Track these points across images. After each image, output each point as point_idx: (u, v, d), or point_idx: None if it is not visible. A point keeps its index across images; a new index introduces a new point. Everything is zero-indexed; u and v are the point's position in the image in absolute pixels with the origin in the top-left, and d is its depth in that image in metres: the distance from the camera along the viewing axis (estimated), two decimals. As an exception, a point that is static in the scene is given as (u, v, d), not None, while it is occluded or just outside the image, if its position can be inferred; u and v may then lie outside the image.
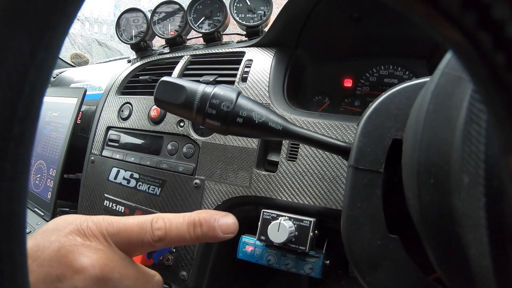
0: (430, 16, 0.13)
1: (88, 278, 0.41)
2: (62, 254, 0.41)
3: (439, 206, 0.28)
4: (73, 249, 0.42)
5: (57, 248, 0.42)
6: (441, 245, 0.30)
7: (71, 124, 1.23)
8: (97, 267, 0.42)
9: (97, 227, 0.45)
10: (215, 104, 0.52)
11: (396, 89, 0.47)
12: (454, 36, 0.13)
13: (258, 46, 1.00)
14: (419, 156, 0.30)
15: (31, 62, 0.20)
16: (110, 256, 0.44)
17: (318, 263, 0.70)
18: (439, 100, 0.30)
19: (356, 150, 0.46)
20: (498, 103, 0.13)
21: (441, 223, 0.29)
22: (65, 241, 0.43)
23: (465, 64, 0.14)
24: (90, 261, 0.42)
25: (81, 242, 0.43)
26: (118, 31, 1.29)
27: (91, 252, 0.43)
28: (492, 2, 0.12)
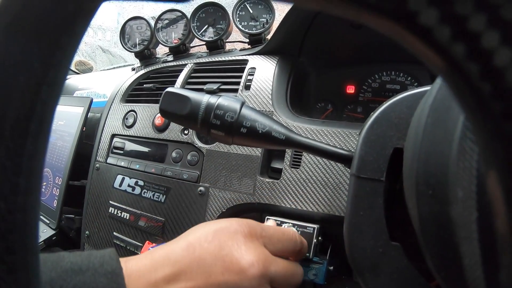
0: (419, 47, 0.14)
1: (254, 275, 0.44)
2: (225, 253, 0.44)
3: (437, 216, 0.29)
4: (236, 248, 0.45)
5: (218, 247, 0.45)
6: (439, 253, 0.31)
7: (77, 133, 1.24)
8: (260, 263, 0.45)
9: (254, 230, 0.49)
10: (219, 114, 0.52)
11: (397, 98, 0.48)
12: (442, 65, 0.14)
13: (261, 54, 1.01)
14: (418, 167, 0.31)
15: (43, 80, 0.21)
16: (266, 254, 0.48)
17: (322, 269, 0.71)
18: (437, 114, 0.31)
19: (358, 159, 0.47)
20: (482, 128, 0.14)
21: (439, 233, 0.29)
22: (226, 240, 0.46)
23: (453, 91, 0.15)
24: (253, 258, 0.45)
25: (242, 240, 0.47)
26: (122, 39, 1.30)
27: (252, 250, 0.46)
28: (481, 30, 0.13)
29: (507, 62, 0.13)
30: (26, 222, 0.21)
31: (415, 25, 0.14)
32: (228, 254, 0.44)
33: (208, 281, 0.42)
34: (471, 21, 0.13)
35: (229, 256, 0.44)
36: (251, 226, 0.49)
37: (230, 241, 0.46)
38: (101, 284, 0.36)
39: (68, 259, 0.38)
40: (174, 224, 0.93)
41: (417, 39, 0.14)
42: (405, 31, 0.14)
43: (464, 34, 0.13)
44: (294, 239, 0.55)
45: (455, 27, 0.13)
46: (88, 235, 1.14)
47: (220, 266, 0.43)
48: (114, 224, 1.06)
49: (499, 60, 0.13)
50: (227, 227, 0.48)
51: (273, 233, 0.52)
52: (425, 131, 0.31)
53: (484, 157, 0.15)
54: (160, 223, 0.95)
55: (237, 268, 0.44)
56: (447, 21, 0.13)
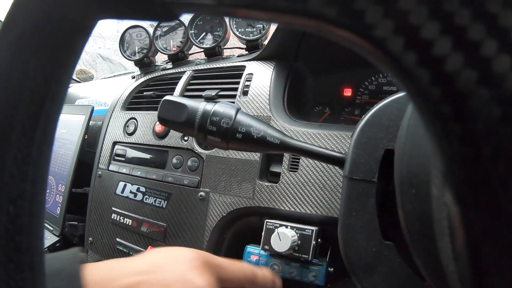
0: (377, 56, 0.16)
1: None
2: (182, 274, 0.47)
3: (420, 214, 0.30)
4: (191, 271, 0.47)
5: (179, 269, 0.47)
6: (424, 251, 0.32)
7: (79, 141, 1.26)
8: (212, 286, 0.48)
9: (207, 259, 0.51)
10: (215, 121, 0.54)
11: (387, 101, 0.49)
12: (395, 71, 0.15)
13: (258, 60, 1.02)
14: (401, 168, 0.32)
15: (45, 94, 0.22)
16: (214, 282, 0.49)
17: (321, 271, 0.72)
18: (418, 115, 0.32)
19: (350, 161, 0.49)
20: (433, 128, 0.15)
21: (423, 230, 0.31)
22: (182, 264, 0.48)
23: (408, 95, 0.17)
24: (206, 282, 0.47)
25: (197, 266, 0.49)
26: (121, 47, 1.31)
27: (207, 276, 0.48)
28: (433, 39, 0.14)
29: (458, 68, 0.14)
30: (32, 224, 0.23)
31: (371, 37, 0.15)
32: (186, 275, 0.47)
33: None
34: (424, 29, 0.14)
35: (187, 276, 0.47)
36: (207, 257, 0.52)
37: (188, 265, 0.48)
38: None
39: None
40: (176, 229, 0.94)
41: (374, 48, 0.15)
42: (362, 41, 0.16)
43: (416, 43, 0.14)
44: (243, 274, 0.56)
45: (408, 36, 0.14)
46: (92, 242, 1.16)
47: (177, 283, 0.46)
48: (117, 230, 1.08)
49: (450, 66, 0.14)
50: (187, 254, 0.50)
51: (226, 266, 0.54)
52: (407, 133, 0.32)
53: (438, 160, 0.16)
54: (162, 228, 0.96)
55: (191, 286, 0.46)
56: (400, 31, 0.14)
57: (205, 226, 0.89)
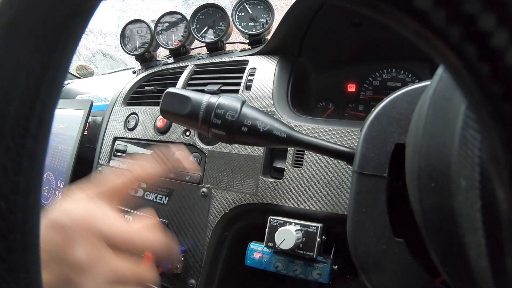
0: (416, 31, 0.14)
1: None
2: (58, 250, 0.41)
3: (440, 209, 0.29)
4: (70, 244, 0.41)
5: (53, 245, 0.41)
6: (444, 247, 0.30)
7: (78, 136, 1.24)
8: None
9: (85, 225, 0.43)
10: (220, 114, 0.52)
11: (397, 94, 0.48)
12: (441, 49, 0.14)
13: (261, 54, 1.01)
14: (419, 160, 0.31)
15: (42, 80, 0.21)
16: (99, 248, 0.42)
17: (326, 269, 0.71)
18: (437, 106, 0.31)
19: (359, 156, 0.47)
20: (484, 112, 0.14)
21: (443, 225, 0.29)
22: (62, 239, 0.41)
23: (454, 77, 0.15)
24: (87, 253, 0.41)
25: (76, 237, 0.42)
26: (122, 42, 1.30)
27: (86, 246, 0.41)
28: (477, 12, 0.13)
29: (505, 43, 0.12)
30: (26, 221, 0.21)
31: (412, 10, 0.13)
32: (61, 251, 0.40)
33: None
34: (466, 5, 0.13)
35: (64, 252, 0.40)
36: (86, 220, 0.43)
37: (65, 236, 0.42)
38: None
39: None
40: (177, 225, 0.92)
41: (415, 22, 0.14)
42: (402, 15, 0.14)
43: (460, 18, 0.13)
44: None
45: (451, 10, 0.13)
46: (92, 239, 1.14)
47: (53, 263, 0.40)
48: (117, 227, 1.06)
49: (497, 41, 0.12)
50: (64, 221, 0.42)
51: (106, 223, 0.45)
52: (426, 124, 0.31)
53: (488, 147, 0.15)
54: (163, 225, 0.94)
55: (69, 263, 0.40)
56: (443, 4, 0.13)
57: (207, 223, 0.88)
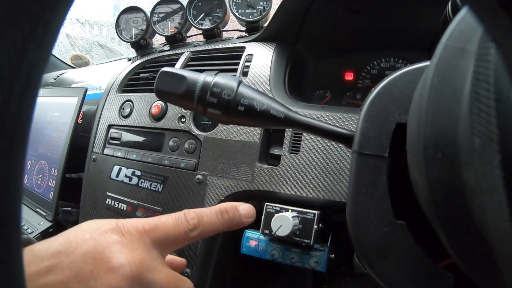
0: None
1: (124, 276, 0.40)
2: (97, 251, 0.41)
3: (448, 181, 0.28)
4: (109, 246, 0.41)
5: (92, 245, 0.41)
6: (452, 223, 0.29)
7: (72, 123, 1.23)
8: (133, 265, 0.41)
9: (133, 225, 0.45)
10: (216, 92, 0.51)
11: (398, 73, 0.47)
12: None
13: (258, 41, 0.99)
14: (425, 130, 0.29)
15: (30, 37, 0.19)
16: (145, 255, 0.43)
17: (323, 257, 0.70)
18: (443, 73, 0.29)
19: (359, 135, 0.46)
20: None
21: (451, 199, 0.28)
22: (100, 239, 0.42)
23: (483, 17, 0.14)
24: (126, 259, 0.41)
25: (118, 239, 0.43)
26: (118, 30, 1.28)
27: (127, 250, 0.42)
28: None
29: None
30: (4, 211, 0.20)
31: None
32: (103, 251, 0.41)
33: (77, 276, 0.40)
34: None
35: (104, 253, 0.41)
36: (131, 224, 0.45)
37: (105, 239, 0.42)
38: None
39: None
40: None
41: None
42: None
43: None
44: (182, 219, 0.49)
45: None
46: (85, 228, 1.13)
47: (90, 264, 0.40)
48: (111, 215, 1.05)
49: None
50: (105, 225, 0.44)
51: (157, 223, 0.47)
52: (431, 92, 0.30)
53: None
54: (157, 213, 0.93)
55: (106, 267, 0.40)
56: None
57: (202, 210, 0.86)
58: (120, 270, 0.40)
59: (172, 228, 0.47)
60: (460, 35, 0.31)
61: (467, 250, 0.29)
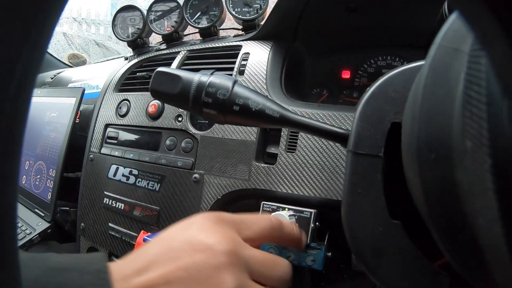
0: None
1: (221, 251, 0.42)
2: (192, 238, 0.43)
3: (441, 181, 0.28)
4: (204, 232, 0.44)
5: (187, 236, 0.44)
6: (446, 224, 0.29)
7: (70, 124, 1.23)
8: (228, 241, 0.43)
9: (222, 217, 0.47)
10: (211, 92, 0.51)
11: (393, 72, 0.47)
12: None
13: (255, 40, 0.99)
14: (419, 131, 0.29)
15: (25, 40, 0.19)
16: (236, 237, 0.45)
17: (320, 255, 0.70)
18: (436, 73, 0.29)
19: (355, 135, 0.46)
20: None
21: (445, 200, 0.28)
22: (194, 229, 0.44)
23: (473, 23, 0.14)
24: (221, 237, 0.43)
25: (210, 226, 0.45)
26: (114, 29, 1.28)
27: (220, 233, 0.44)
28: None
29: None
30: None
31: None
32: (194, 237, 0.43)
33: (177, 265, 0.41)
34: None
35: (196, 238, 0.43)
36: (219, 214, 0.48)
37: (197, 227, 0.45)
38: (87, 281, 0.35)
39: (55, 258, 0.37)
40: (169, 212, 0.91)
41: None
42: None
43: None
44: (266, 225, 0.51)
45: None
46: (84, 227, 1.13)
47: (187, 250, 0.42)
48: (109, 215, 1.05)
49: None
50: (195, 219, 0.46)
51: (244, 220, 0.49)
52: (424, 93, 0.30)
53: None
54: (155, 212, 0.93)
55: (203, 247, 0.42)
56: None
57: (199, 209, 0.86)
58: (217, 246, 0.42)
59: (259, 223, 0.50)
60: (454, 35, 0.31)
61: (460, 251, 0.29)
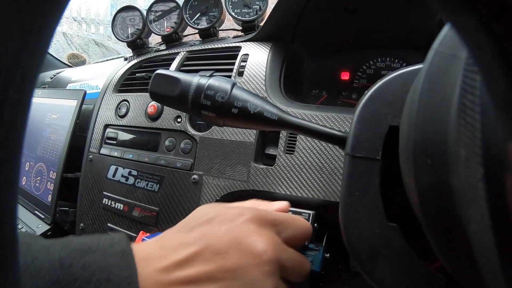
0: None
1: (267, 261, 0.43)
2: (239, 242, 0.44)
3: (437, 187, 0.28)
4: (249, 236, 0.45)
5: (232, 237, 0.44)
6: (441, 227, 0.29)
7: (71, 126, 1.23)
8: (273, 250, 0.44)
9: (266, 218, 0.49)
10: (209, 95, 0.51)
11: (391, 76, 0.47)
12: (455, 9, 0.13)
13: (254, 41, 1.00)
14: (415, 136, 0.30)
15: (23, 47, 0.19)
16: (278, 241, 0.47)
17: (318, 256, 0.70)
18: (433, 79, 0.30)
19: (352, 138, 0.46)
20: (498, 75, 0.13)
21: (440, 204, 0.28)
22: (240, 229, 0.45)
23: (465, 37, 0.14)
24: (266, 246, 0.44)
25: (255, 228, 0.46)
26: (114, 29, 1.28)
27: (265, 238, 0.45)
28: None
29: None
30: None
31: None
32: (243, 239, 0.44)
33: (223, 265, 0.42)
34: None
35: (244, 241, 0.44)
36: (263, 215, 0.49)
37: (244, 229, 0.46)
38: (111, 263, 0.36)
39: (77, 240, 0.38)
40: (168, 213, 0.92)
41: None
42: None
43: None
44: (306, 227, 0.54)
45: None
46: (83, 228, 1.13)
47: (234, 253, 0.43)
48: (108, 215, 1.05)
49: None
50: (240, 215, 0.47)
51: (284, 220, 0.51)
52: (421, 98, 0.30)
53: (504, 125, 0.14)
54: (154, 212, 0.94)
55: (251, 254, 0.43)
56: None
57: (198, 210, 0.87)
58: (263, 256, 0.43)
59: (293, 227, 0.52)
60: (451, 41, 0.31)
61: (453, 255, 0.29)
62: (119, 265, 0.36)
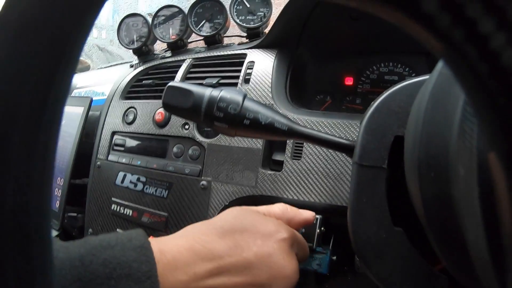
0: (422, 33, 0.15)
1: (293, 283, 0.48)
2: (273, 260, 0.47)
3: (439, 197, 0.30)
4: (283, 256, 0.49)
5: (267, 253, 0.48)
6: (443, 234, 0.31)
7: (78, 133, 1.24)
8: (297, 273, 0.49)
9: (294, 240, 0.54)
10: (222, 107, 0.53)
11: (396, 87, 0.49)
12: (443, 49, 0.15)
13: (259, 48, 1.01)
14: (419, 151, 0.32)
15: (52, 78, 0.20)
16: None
17: (325, 259, 0.72)
18: (436, 99, 0.32)
19: (360, 148, 0.48)
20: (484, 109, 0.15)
21: (442, 213, 0.30)
22: (275, 247, 0.49)
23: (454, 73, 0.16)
24: (295, 269, 0.49)
25: (287, 249, 0.50)
26: (119, 37, 1.30)
27: (294, 261, 0.50)
28: (478, 17, 0.13)
29: (502, 46, 0.13)
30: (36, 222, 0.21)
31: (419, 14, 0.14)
32: (275, 260, 0.47)
33: (252, 281, 0.44)
34: (469, 9, 0.13)
35: (277, 262, 0.47)
36: (295, 238, 0.53)
37: (278, 248, 0.49)
38: (131, 257, 0.37)
39: (95, 237, 0.39)
40: (177, 218, 0.93)
41: (421, 26, 0.15)
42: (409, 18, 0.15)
43: (463, 21, 0.14)
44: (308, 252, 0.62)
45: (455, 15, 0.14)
46: (91, 233, 1.15)
47: (266, 271, 0.45)
48: (117, 221, 1.07)
49: (495, 44, 0.13)
50: (276, 232, 0.50)
51: (304, 246, 0.58)
52: (425, 116, 0.32)
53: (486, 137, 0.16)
54: (163, 218, 0.95)
55: (281, 275, 0.47)
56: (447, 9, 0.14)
57: (207, 216, 0.88)
58: (292, 279, 0.48)
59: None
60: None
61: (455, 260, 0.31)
62: (138, 259, 0.37)
